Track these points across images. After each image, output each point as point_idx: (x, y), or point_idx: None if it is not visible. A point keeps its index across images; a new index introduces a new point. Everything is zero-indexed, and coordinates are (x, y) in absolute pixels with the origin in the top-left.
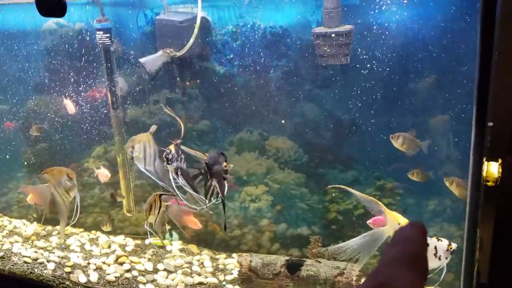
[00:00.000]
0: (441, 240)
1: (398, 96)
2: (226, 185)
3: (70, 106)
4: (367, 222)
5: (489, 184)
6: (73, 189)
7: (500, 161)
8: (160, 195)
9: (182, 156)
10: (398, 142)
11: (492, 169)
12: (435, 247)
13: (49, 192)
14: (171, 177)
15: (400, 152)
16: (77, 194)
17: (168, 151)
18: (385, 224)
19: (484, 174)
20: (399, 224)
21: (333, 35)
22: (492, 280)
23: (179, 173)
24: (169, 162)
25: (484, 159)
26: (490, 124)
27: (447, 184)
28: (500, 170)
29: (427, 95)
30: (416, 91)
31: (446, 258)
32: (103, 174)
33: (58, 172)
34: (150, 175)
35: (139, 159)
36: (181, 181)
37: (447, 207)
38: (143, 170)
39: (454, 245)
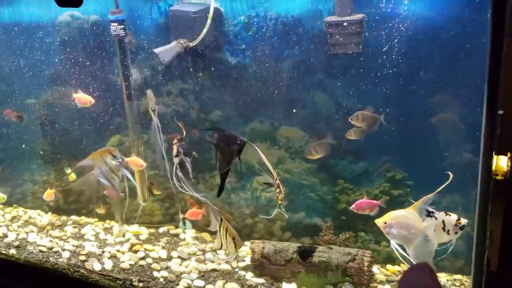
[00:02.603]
0: (450, 215)
1: (409, 86)
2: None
3: (81, 100)
4: (351, 207)
5: (498, 178)
6: (120, 168)
7: (509, 155)
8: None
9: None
10: (358, 120)
11: (501, 163)
12: (443, 221)
13: (94, 180)
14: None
15: (412, 144)
16: (125, 171)
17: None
18: (368, 206)
19: (493, 168)
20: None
21: (345, 24)
22: (502, 271)
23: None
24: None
25: (493, 153)
26: (501, 112)
27: (353, 122)
28: (509, 164)
29: (438, 85)
30: (428, 81)
31: (456, 233)
32: (138, 163)
33: (102, 153)
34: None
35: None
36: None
37: (457, 198)
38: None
39: (464, 221)
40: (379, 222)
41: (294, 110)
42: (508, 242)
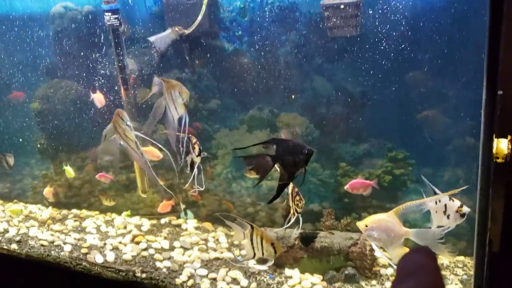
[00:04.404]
0: (453, 200)
1: (408, 68)
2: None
3: (100, 100)
4: (345, 188)
5: (499, 161)
6: (131, 131)
7: (509, 137)
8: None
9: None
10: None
11: (502, 146)
12: (445, 205)
13: (116, 144)
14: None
15: (414, 123)
16: (133, 133)
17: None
18: (361, 186)
19: (493, 151)
20: None
21: (342, 6)
22: (504, 252)
23: None
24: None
25: (494, 136)
26: (500, 92)
27: None
28: (510, 147)
29: (437, 66)
30: (426, 63)
31: (455, 219)
32: (154, 154)
33: (115, 117)
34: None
35: None
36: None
37: (459, 177)
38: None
39: (466, 209)
40: (360, 224)
41: (293, 96)
42: (510, 225)
